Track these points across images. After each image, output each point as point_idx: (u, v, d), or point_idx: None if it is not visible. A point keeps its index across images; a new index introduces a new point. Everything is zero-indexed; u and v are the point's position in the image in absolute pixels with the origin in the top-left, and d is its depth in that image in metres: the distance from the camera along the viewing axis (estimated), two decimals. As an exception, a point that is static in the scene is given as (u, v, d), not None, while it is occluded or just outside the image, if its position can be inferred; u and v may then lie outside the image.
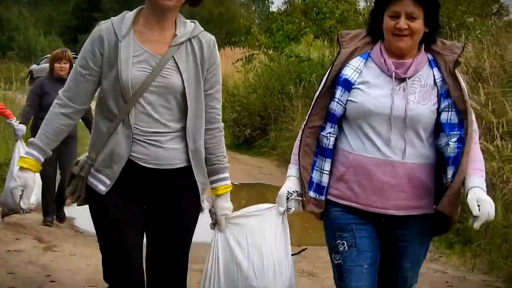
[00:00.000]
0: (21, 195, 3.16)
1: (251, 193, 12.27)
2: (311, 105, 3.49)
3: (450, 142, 3.30)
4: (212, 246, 3.43)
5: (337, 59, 3.43)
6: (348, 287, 3.36)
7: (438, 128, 3.34)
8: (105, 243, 3.37)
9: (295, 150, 3.53)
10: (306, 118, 3.49)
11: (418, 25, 3.30)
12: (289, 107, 15.70)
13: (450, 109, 3.36)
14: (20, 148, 8.49)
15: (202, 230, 3.73)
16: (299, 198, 3.39)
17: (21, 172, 3.22)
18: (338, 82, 3.36)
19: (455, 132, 3.34)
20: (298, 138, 3.52)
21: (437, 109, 3.31)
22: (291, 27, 19.22)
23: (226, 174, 3.59)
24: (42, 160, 3.30)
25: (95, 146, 3.35)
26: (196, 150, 3.38)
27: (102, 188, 3.30)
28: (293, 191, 3.39)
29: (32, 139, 3.29)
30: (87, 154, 3.39)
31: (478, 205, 3.15)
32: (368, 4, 21.17)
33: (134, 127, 3.25)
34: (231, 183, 3.51)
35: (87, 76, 3.30)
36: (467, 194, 3.23)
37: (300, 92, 15.84)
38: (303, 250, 3.54)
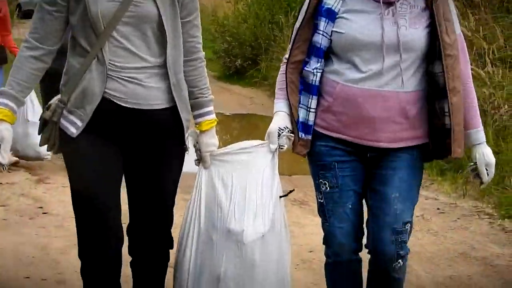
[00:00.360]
0: None
1: (243, 124, 12.30)
2: (292, 38, 3.34)
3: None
4: (196, 184, 3.31)
5: None
6: (331, 227, 3.33)
7: (433, 54, 3.18)
8: (75, 188, 3.22)
9: (280, 84, 3.38)
10: (288, 52, 3.35)
11: None
12: (279, 37, 15.61)
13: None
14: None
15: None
16: (291, 134, 3.28)
17: None
18: (320, 12, 3.18)
19: None
20: (282, 71, 3.37)
21: (430, 32, 3.16)
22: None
23: (211, 108, 3.43)
24: (17, 109, 3.12)
25: (68, 86, 3.15)
26: (178, 82, 3.20)
27: (73, 131, 3.13)
28: (284, 127, 3.27)
29: (2, 88, 3.11)
30: (58, 96, 3.20)
31: (486, 169, 3.19)
32: None
33: (109, 63, 3.06)
34: (223, 114, 3.51)
35: (54, 13, 3.07)
36: (473, 148, 3.27)
37: (290, 21, 15.37)
38: (291, 191, 3.38)
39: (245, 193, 3.18)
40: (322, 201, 3.29)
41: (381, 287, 3.40)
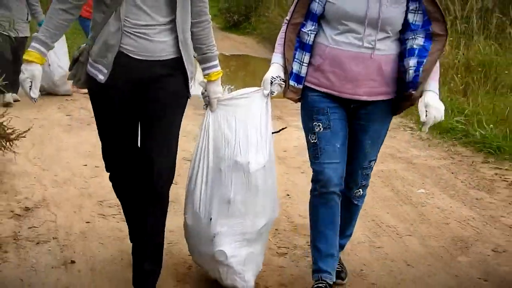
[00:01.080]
0: (30, 86, 2.78)
1: (239, 61, 12.62)
2: (294, 4, 3.12)
3: (417, 37, 3.02)
4: (204, 124, 3.14)
5: None
6: (322, 163, 3.13)
7: (405, 26, 3.05)
8: (101, 128, 3.07)
9: (280, 41, 3.20)
10: (290, 15, 3.15)
11: None
12: None
13: (416, 11, 3.05)
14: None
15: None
16: (282, 82, 3.12)
17: (28, 65, 2.80)
18: None
19: (419, 31, 3.05)
20: (283, 30, 3.19)
21: (405, 11, 3.02)
22: None
23: (216, 62, 3.21)
24: (46, 53, 2.87)
25: (92, 36, 2.93)
26: (185, 40, 2.97)
27: (101, 77, 2.91)
28: (277, 76, 3.10)
29: (35, 34, 2.89)
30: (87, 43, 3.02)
31: (426, 111, 3.03)
32: None
33: (125, 19, 2.82)
34: (224, 54, 3.38)
35: None
36: (423, 93, 3.07)
37: None
38: (283, 129, 3.29)
39: (247, 132, 3.03)
40: (315, 141, 3.12)
41: (343, 209, 3.26)
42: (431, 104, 3.02)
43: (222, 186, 3.02)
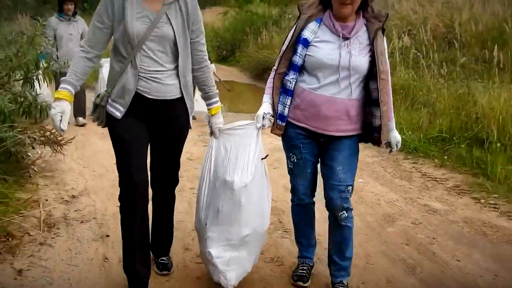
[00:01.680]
0: (60, 120, 2.59)
1: (227, 85, 12.42)
2: (280, 56, 2.97)
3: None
4: (209, 148, 2.98)
5: (298, 23, 2.90)
6: (297, 183, 3.05)
7: (370, 75, 2.86)
8: (118, 153, 2.84)
9: (269, 85, 3.01)
10: (276, 65, 3.00)
11: None
12: (246, 40, 15.72)
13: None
14: None
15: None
16: (272, 118, 2.94)
17: (58, 102, 2.63)
18: (299, 41, 2.85)
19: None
20: (271, 77, 3.00)
21: (370, 61, 2.84)
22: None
23: (216, 98, 3.05)
24: (73, 92, 2.72)
25: (111, 82, 2.78)
26: (186, 83, 2.85)
27: (118, 114, 2.75)
28: (267, 113, 2.92)
29: (64, 77, 2.72)
30: (105, 89, 2.85)
31: (396, 145, 3.01)
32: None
33: (140, 67, 2.71)
34: (218, 79, 3.30)
35: (103, 30, 2.70)
36: (388, 133, 2.98)
37: (252, 31, 15.91)
38: (266, 156, 2.98)
39: (237, 156, 2.86)
40: (291, 167, 3.03)
41: (337, 233, 3.08)
42: (398, 140, 3.00)
43: (216, 198, 2.87)
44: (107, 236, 3.77)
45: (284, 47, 2.93)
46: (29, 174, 4.85)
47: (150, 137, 2.89)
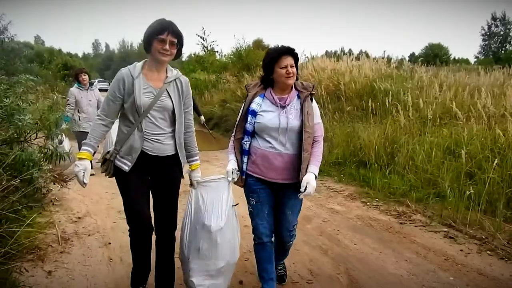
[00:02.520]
0: (83, 175, 2.48)
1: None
2: (236, 125, 2.79)
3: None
4: (189, 198, 2.76)
5: (246, 99, 2.76)
6: (256, 223, 2.76)
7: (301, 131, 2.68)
8: (126, 200, 2.62)
9: (231, 148, 2.80)
10: (234, 132, 2.80)
11: (295, 70, 2.65)
12: (193, 98, 14.90)
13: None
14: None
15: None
16: (238, 172, 2.72)
17: (81, 161, 2.50)
18: (249, 112, 2.71)
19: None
20: (231, 142, 2.80)
21: (302, 121, 2.66)
22: (192, 66, 19.06)
23: (197, 157, 2.81)
24: (92, 152, 2.57)
25: (119, 142, 2.59)
26: (180, 143, 2.67)
27: (126, 168, 2.56)
28: (234, 168, 2.71)
29: (85, 141, 2.59)
30: (113, 146, 2.64)
31: (306, 185, 2.60)
32: (208, 51, 18.82)
33: (145, 130, 2.55)
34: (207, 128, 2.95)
35: (116, 102, 2.54)
36: (306, 174, 2.65)
37: (197, 92, 15.45)
38: (236, 204, 2.77)
39: (212, 204, 2.66)
40: (251, 209, 2.78)
41: (281, 251, 2.97)
42: (309, 180, 2.60)
43: (196, 238, 2.65)
44: (109, 243, 3.76)
45: (238, 117, 2.78)
46: (46, 204, 4.59)
47: (151, 185, 2.70)
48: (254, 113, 2.70)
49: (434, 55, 36.47)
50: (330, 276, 3.21)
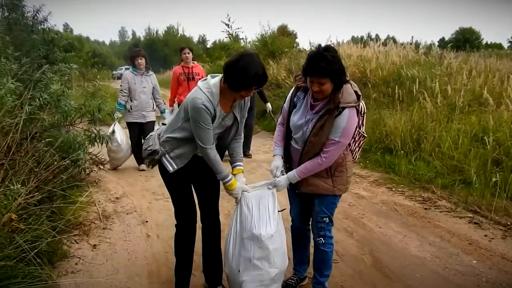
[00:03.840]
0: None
1: None
2: (281, 111, 2.69)
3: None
4: (237, 205, 2.62)
5: (293, 89, 2.60)
6: (291, 211, 2.83)
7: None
8: (174, 197, 2.62)
9: (276, 137, 2.69)
10: (279, 118, 2.71)
11: (326, 86, 2.32)
12: None
13: None
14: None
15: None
16: (283, 170, 2.63)
17: (235, 190, 2.55)
18: (292, 104, 2.57)
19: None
20: (277, 128, 2.70)
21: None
22: (217, 53, 19.04)
23: (241, 163, 2.72)
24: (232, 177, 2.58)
25: (172, 146, 2.51)
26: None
27: (170, 169, 2.52)
28: (279, 167, 2.61)
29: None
30: (160, 146, 2.55)
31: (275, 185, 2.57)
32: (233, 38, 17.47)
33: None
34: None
35: (211, 127, 2.39)
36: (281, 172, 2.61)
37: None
38: (283, 210, 2.70)
39: (259, 211, 2.54)
40: (290, 200, 2.81)
41: (316, 254, 2.73)
42: (281, 180, 2.57)
43: (245, 248, 2.51)
44: (146, 221, 3.95)
45: (283, 104, 2.67)
46: (90, 183, 4.85)
47: (194, 182, 2.70)
48: (294, 108, 2.57)
49: (465, 40, 35.29)
50: (355, 256, 3.27)
